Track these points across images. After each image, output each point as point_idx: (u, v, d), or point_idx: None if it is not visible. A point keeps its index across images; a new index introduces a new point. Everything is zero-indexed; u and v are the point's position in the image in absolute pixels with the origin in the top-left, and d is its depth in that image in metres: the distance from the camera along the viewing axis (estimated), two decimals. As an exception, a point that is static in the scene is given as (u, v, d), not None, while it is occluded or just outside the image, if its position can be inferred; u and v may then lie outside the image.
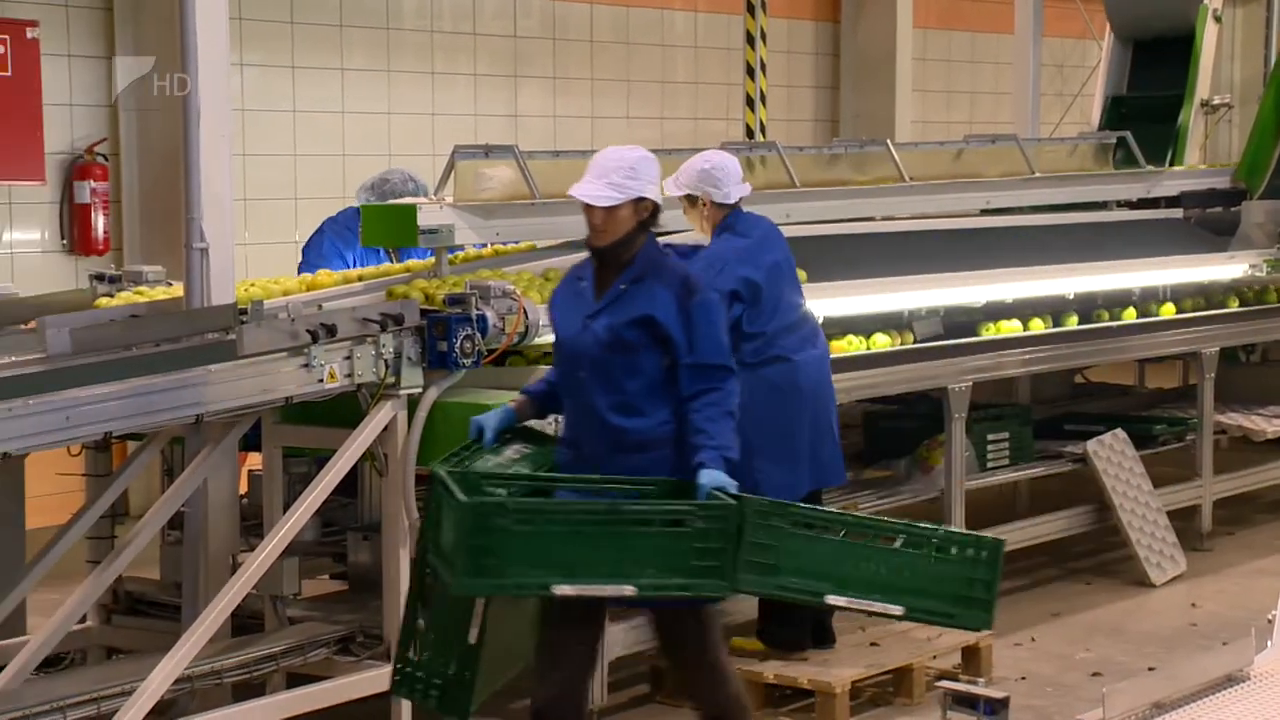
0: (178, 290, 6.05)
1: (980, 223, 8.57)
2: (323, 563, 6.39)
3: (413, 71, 10.69)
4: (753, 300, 6.03)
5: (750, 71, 11.78)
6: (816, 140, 12.94)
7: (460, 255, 6.63)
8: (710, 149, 6.37)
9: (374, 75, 10.51)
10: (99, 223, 9.13)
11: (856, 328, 7.03)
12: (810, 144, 11.97)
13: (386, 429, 5.46)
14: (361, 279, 6.36)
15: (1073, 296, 8.14)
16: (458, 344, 5.46)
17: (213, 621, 5.08)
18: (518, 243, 6.83)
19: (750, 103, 11.80)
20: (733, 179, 6.10)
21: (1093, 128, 10.62)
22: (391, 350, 5.44)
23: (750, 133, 11.72)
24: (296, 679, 5.53)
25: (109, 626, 6.15)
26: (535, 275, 6.22)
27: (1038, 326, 7.82)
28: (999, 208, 8.74)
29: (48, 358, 5.52)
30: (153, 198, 9.22)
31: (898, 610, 4.56)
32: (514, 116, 11.20)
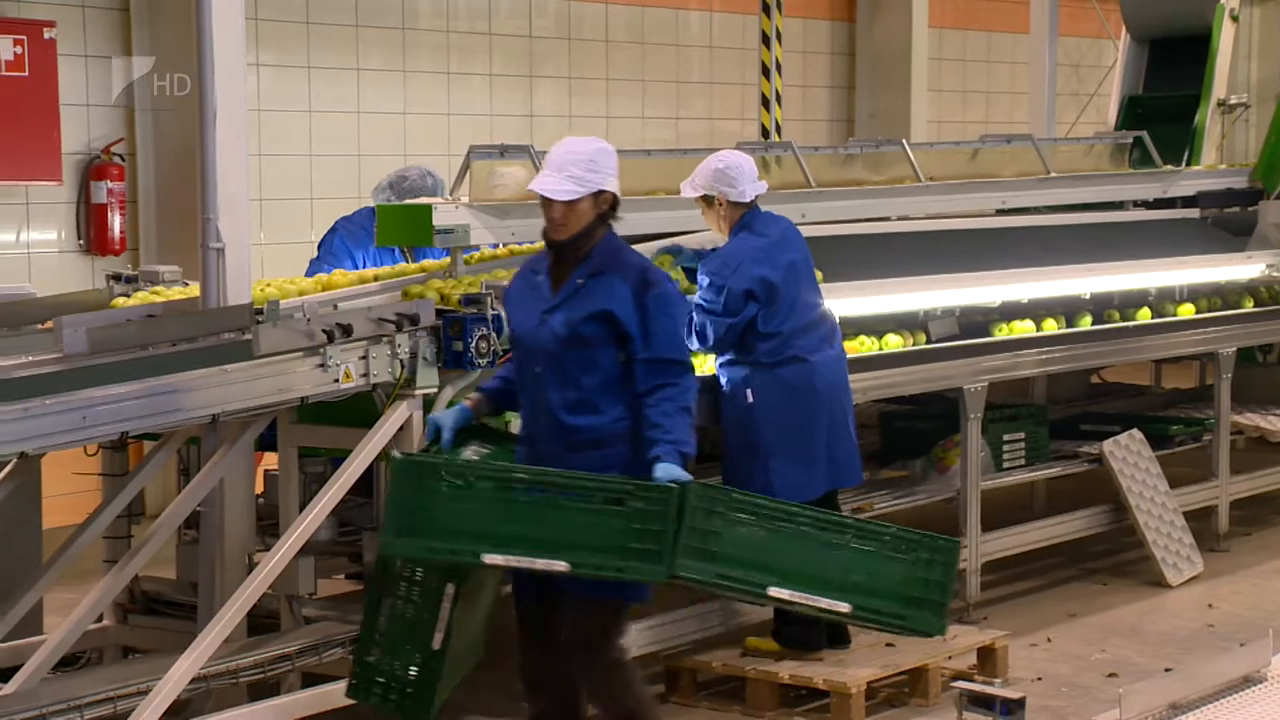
0: (194, 290, 6.06)
1: (996, 223, 8.55)
2: (338, 562, 6.39)
3: (428, 71, 10.70)
4: (769, 300, 6.02)
5: (765, 71, 11.77)
6: (832, 140, 12.93)
7: (476, 255, 6.63)
8: (725, 149, 6.37)
9: (389, 75, 10.52)
10: (115, 223, 9.15)
11: (872, 328, 7.02)
12: (826, 144, 11.97)
13: (402, 429, 5.45)
14: (377, 279, 6.36)
15: (1089, 297, 8.12)
16: (473, 344, 5.46)
17: (229, 621, 5.09)
18: (533, 242, 6.83)
19: (765, 102, 11.79)
20: (748, 177, 6.10)
21: (1109, 127, 10.60)
22: (407, 350, 5.44)
23: (765, 133, 11.71)
24: (312, 679, 5.52)
25: (125, 626, 6.16)
26: (550, 275, 6.21)
27: (1051, 327, 7.80)
28: (1015, 208, 8.72)
29: (64, 357, 5.52)
30: (169, 198, 9.24)
31: (845, 608, 4.44)
32: (529, 116, 11.21)
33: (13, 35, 8.58)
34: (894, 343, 7.05)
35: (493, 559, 4.34)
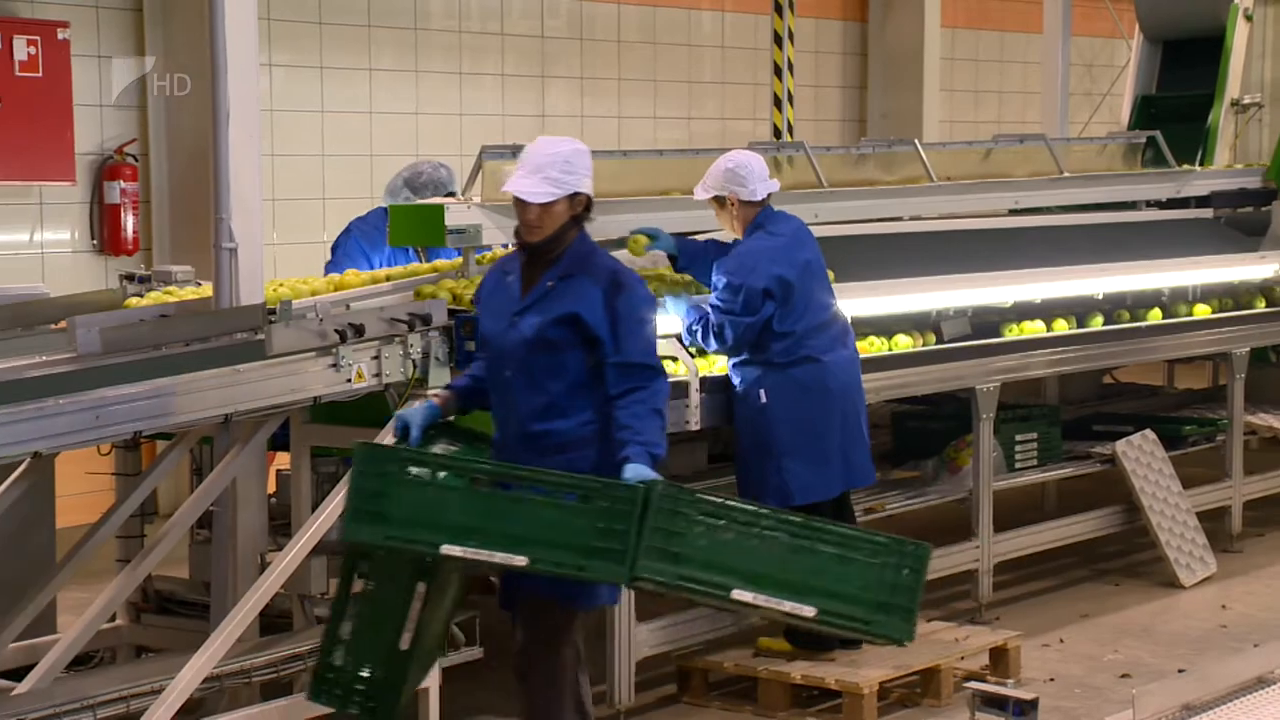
0: (207, 290, 6.07)
1: (1009, 223, 8.54)
2: (351, 562, 6.39)
3: (440, 72, 10.71)
4: (784, 299, 6.02)
5: (778, 71, 11.77)
6: (844, 140, 12.93)
7: (488, 255, 6.63)
8: (736, 149, 6.37)
9: (402, 75, 10.53)
10: (129, 223, 9.16)
11: (884, 328, 7.02)
12: (838, 144, 11.96)
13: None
14: (389, 279, 6.36)
15: (1101, 297, 8.11)
16: (485, 344, 5.45)
17: (241, 620, 5.09)
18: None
19: (778, 103, 11.79)
20: (758, 176, 6.10)
21: (1122, 127, 10.58)
22: (419, 350, 5.45)
23: (778, 133, 11.71)
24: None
25: (138, 625, 6.17)
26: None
27: (1061, 327, 7.79)
28: (1027, 208, 8.71)
29: (78, 357, 5.53)
30: (182, 198, 9.26)
31: (810, 612, 4.32)
32: (541, 116, 11.21)
33: (27, 36, 8.61)
34: (903, 343, 7.04)
35: (450, 550, 4.26)
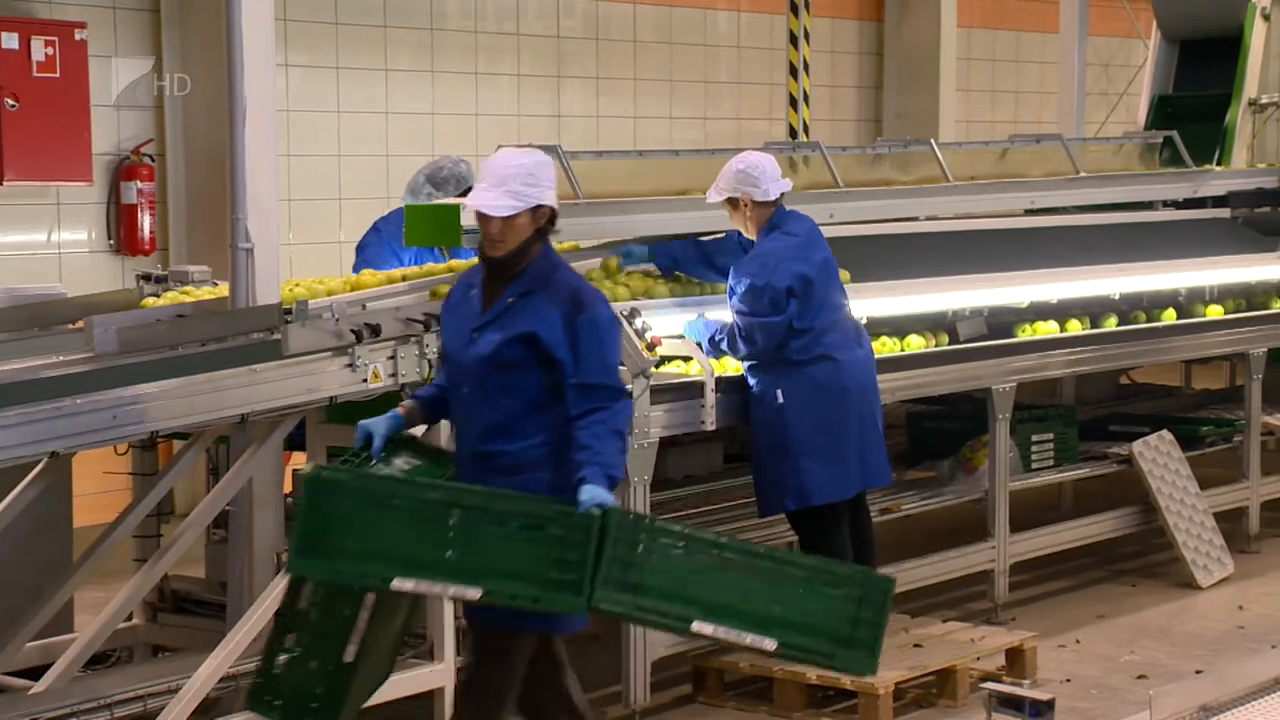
0: (223, 290, 6.09)
1: (1025, 223, 8.53)
2: (366, 562, 6.39)
3: (456, 72, 10.72)
4: (805, 296, 6.04)
5: (793, 71, 11.76)
6: (860, 140, 12.91)
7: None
8: (750, 149, 6.36)
9: (418, 76, 10.54)
10: (145, 223, 9.18)
11: (900, 328, 7.01)
12: (854, 144, 11.95)
13: (430, 429, 5.46)
14: (405, 279, 6.37)
15: (1118, 297, 8.09)
16: (500, 344, 5.45)
17: (257, 620, 5.10)
18: (561, 243, 6.83)
19: (793, 102, 11.78)
20: (770, 176, 6.11)
21: (1138, 127, 10.56)
22: (435, 350, 5.45)
23: (793, 133, 11.70)
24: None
25: (155, 624, 6.18)
26: (578, 275, 6.21)
27: (1075, 328, 7.77)
28: (1044, 208, 8.70)
29: (95, 357, 5.55)
30: (198, 198, 9.28)
31: (770, 645, 4.22)
32: (557, 117, 11.22)
33: (44, 36, 8.63)
34: (916, 344, 7.03)
35: (402, 585, 4.12)
